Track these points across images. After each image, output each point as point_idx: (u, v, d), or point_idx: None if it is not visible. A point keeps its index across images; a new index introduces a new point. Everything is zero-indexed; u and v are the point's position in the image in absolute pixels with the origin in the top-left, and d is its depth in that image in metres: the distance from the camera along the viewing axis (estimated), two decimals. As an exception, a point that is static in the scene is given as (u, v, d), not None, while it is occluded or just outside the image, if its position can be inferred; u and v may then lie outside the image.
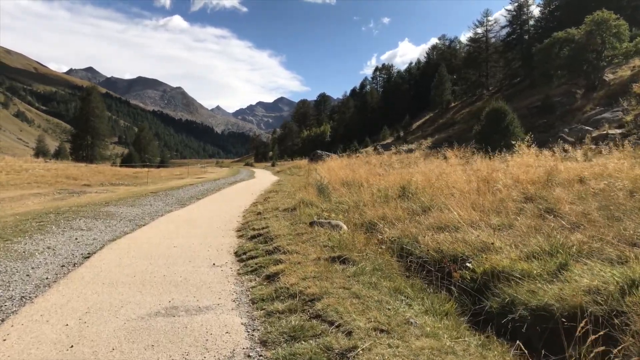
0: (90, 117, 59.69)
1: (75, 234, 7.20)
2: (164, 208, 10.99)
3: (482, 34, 67.29)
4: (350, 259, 4.04)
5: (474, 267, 3.76)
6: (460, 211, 5.56)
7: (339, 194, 8.96)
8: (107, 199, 13.68)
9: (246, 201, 12.14)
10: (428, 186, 8.30)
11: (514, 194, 6.66)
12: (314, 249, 4.69)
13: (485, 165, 9.54)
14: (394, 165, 11.48)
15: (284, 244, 5.10)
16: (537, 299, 3.02)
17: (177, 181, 24.43)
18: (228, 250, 5.66)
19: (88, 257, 5.38)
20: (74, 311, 3.36)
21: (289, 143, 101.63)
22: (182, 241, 6.36)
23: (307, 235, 5.36)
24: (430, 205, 6.54)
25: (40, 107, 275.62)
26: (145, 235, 7.04)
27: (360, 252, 4.35)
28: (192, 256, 5.31)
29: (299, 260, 4.24)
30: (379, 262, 4.08)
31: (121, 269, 4.68)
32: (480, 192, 6.54)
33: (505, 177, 7.21)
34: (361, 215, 6.83)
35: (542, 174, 7.68)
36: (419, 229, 5.19)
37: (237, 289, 3.91)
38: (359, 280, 3.47)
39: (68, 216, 9.33)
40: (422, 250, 4.47)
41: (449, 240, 4.54)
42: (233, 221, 8.51)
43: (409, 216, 6.23)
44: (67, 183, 22.63)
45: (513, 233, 4.75)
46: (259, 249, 5.21)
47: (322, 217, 7.00)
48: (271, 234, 5.88)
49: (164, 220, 8.91)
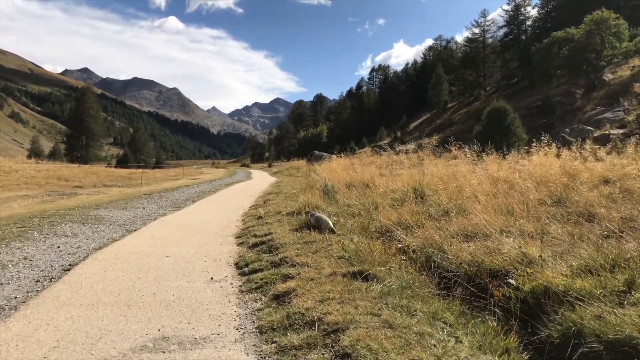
0: (85, 117, 58.87)
1: (58, 241, 6.56)
2: (157, 211, 10.34)
3: (480, 34, 67.08)
4: (372, 275, 3.44)
5: (518, 284, 3.20)
6: (485, 216, 4.99)
7: (344, 197, 8.37)
8: (98, 201, 13.02)
9: (245, 204, 11.51)
10: (441, 188, 7.74)
11: (539, 196, 6.11)
12: (328, 261, 4.08)
13: (497, 165, 9.00)
14: (403, 164, 10.88)
15: (292, 254, 4.48)
16: (613, 329, 2.44)
17: (172, 182, 23.75)
18: (227, 260, 5.03)
19: (69, 269, 4.74)
20: (40, 345, 2.72)
21: (286, 144, 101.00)
22: (176, 250, 5.73)
23: (318, 244, 4.75)
24: (449, 209, 5.97)
25: (35, 107, 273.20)
26: (135, 242, 6.40)
27: (381, 265, 3.76)
28: (186, 268, 4.69)
29: (312, 276, 3.62)
30: (406, 277, 3.48)
31: (105, 285, 4.05)
32: (500, 194, 5.98)
33: (523, 178, 6.65)
34: (373, 220, 6.24)
35: (561, 174, 7.14)
36: (442, 237, 4.61)
37: (240, 311, 3.28)
38: (387, 303, 2.88)
39: (53, 220, 8.67)
40: (451, 262, 3.89)
41: (480, 250, 3.97)
42: (232, 226, 7.89)
43: (426, 221, 5.65)
44: (58, 184, 21.94)
45: (551, 241, 4.19)
46: (263, 260, 4.59)
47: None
48: (275, 242, 5.26)
49: (156, 225, 8.27)
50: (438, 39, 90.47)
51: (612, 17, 31.02)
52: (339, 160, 15.44)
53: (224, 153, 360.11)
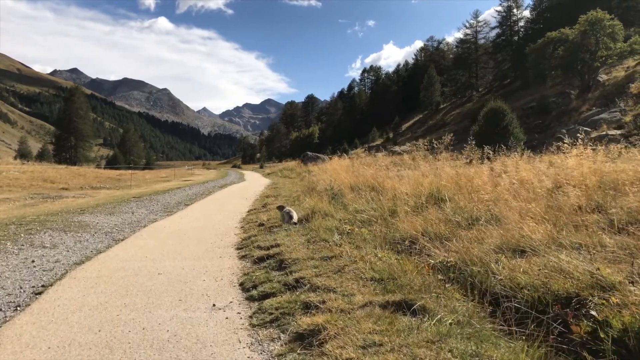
0: (74, 118, 57.82)
1: (34, 253, 5.76)
2: (148, 216, 9.55)
3: (472, 35, 67.08)
4: (419, 306, 2.74)
5: (604, 317, 2.55)
6: (525, 225, 4.35)
7: (353, 201, 7.68)
8: (84, 205, 12.17)
9: (242, 207, 10.76)
10: (457, 191, 7.09)
11: (576, 201, 5.50)
12: (356, 284, 3.36)
13: (514, 165, 8.39)
14: (409, 164, 10.23)
15: (309, 273, 3.75)
16: None
17: (163, 184, 22.86)
18: (230, 279, 4.29)
19: (41, 292, 3.96)
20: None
21: (277, 144, 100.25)
22: (169, 265, 4.97)
23: (338, 261, 4.00)
24: (477, 216, 5.32)
25: (23, 108, 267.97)
26: (122, 254, 5.63)
27: (424, 290, 3.07)
28: (182, 290, 3.94)
29: (342, 306, 2.90)
30: (458, 308, 2.80)
31: (83, 316, 3.28)
32: (537, 199, 5.34)
33: (562, 181, 6.02)
34: (390, 228, 5.56)
35: (591, 175, 6.53)
36: (483, 251, 3.95)
37: (254, 357, 2.54)
38: (452, 350, 2.19)
39: (32, 228, 7.85)
40: (505, 286, 3.22)
41: (536, 269, 3.32)
42: (230, 234, 7.15)
43: (455, 230, 4.99)
44: (43, 187, 20.98)
45: (611, 256, 3.56)
46: (274, 281, 3.85)
47: (341, 230, 5.71)
48: (285, 256, 4.53)
49: (146, 232, 7.49)
50: (430, 40, 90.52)
51: (607, 17, 30.88)
52: (340, 160, 14.72)
53: (214, 154, 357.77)
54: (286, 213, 7.09)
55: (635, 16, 41.67)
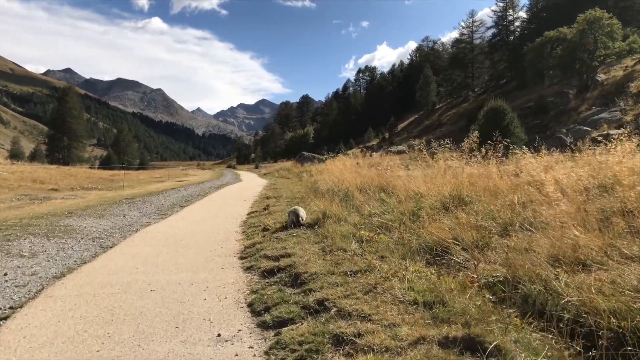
0: (67, 118, 56.97)
1: (8, 264, 5.06)
2: (140, 220, 8.85)
3: (468, 34, 66.84)
4: (490, 344, 2.12)
5: None
6: (576, 232, 3.75)
7: (365, 203, 7.03)
8: (73, 206, 11.42)
9: (241, 210, 10.09)
10: (473, 192, 6.49)
11: (615, 204, 4.92)
12: (396, 309, 2.70)
13: (532, 164, 7.80)
14: (418, 164, 9.58)
15: (334, 293, 3.09)
16: None
17: (157, 185, 22.09)
18: (236, 297, 3.63)
19: (6, 317, 3.27)
20: None
21: (272, 145, 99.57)
22: (163, 279, 4.29)
23: (366, 277, 3.33)
24: (512, 221, 4.72)
25: (16, 108, 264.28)
26: (110, 265, 4.94)
27: (484, 321, 2.44)
28: (180, 313, 3.27)
29: (386, 343, 2.25)
30: (538, 346, 2.18)
31: (53, 351, 2.58)
32: (584, 202, 4.74)
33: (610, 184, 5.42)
34: (412, 234, 4.93)
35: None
36: (535, 264, 3.34)
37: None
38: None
39: (11, 233, 7.12)
40: (579, 311, 2.60)
41: (607, 288, 2.70)
42: (231, 240, 6.47)
43: (485, 237, 4.38)
44: (32, 187, 20.14)
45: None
46: (291, 302, 3.18)
47: (359, 236, 5.07)
48: (300, 269, 3.87)
49: (138, 238, 6.79)
50: (425, 40, 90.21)
51: (606, 16, 30.60)
52: (344, 160, 14.07)
53: (209, 154, 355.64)
54: (292, 212, 6.60)
55: (632, 16, 41.55)
